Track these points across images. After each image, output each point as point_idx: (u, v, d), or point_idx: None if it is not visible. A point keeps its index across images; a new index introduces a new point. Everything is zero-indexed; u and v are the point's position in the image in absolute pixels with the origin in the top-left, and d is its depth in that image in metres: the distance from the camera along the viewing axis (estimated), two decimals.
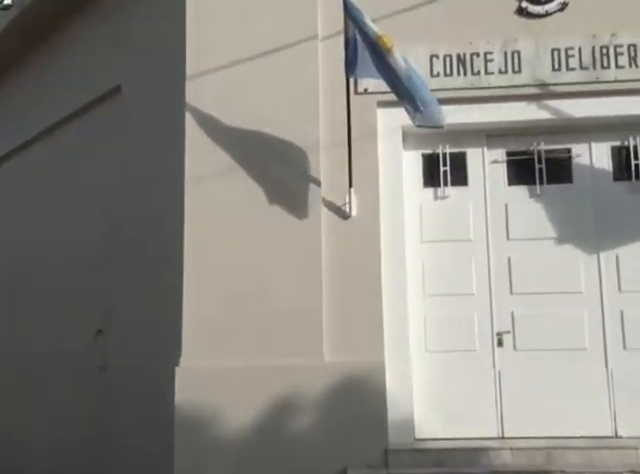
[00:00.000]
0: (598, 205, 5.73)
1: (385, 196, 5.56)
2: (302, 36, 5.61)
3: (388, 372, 5.24)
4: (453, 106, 5.53)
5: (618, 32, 5.58)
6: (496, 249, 5.71)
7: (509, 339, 5.58)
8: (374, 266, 5.43)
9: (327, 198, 5.53)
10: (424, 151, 5.89)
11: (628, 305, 5.58)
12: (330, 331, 5.32)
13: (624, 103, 5.60)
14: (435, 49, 5.68)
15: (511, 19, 5.72)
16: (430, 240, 5.75)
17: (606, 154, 5.82)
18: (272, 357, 5.22)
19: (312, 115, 5.57)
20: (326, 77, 5.60)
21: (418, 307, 5.62)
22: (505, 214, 5.78)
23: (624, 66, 5.58)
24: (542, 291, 5.60)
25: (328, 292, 5.37)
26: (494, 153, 5.86)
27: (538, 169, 5.78)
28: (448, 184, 5.81)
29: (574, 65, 5.62)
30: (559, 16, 5.68)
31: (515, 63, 5.65)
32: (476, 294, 5.66)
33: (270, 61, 5.61)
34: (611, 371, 5.50)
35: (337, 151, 5.45)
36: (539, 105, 5.66)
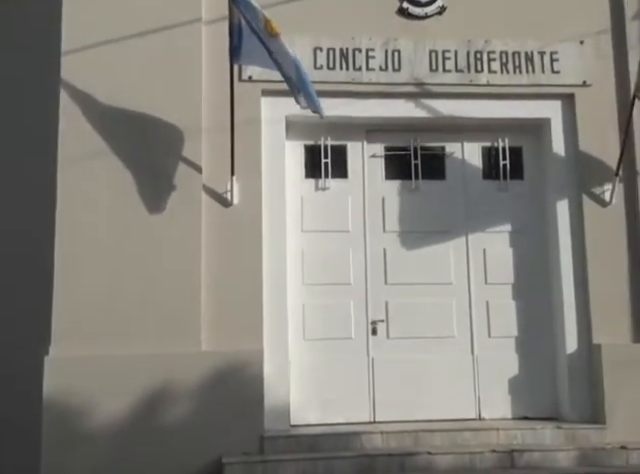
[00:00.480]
0: (468, 201, 6.03)
1: (267, 185, 5.57)
2: (185, 18, 5.49)
3: (266, 360, 5.26)
4: (335, 99, 5.64)
5: (491, 39, 5.89)
6: (373, 241, 5.88)
7: (383, 327, 5.77)
8: (255, 254, 5.43)
9: (208, 185, 5.47)
10: (306, 142, 5.95)
11: (493, 296, 5.92)
12: (208, 319, 5.26)
13: (495, 106, 5.91)
14: (319, 42, 5.75)
15: (393, 18, 5.88)
16: (310, 230, 5.83)
17: (477, 153, 6.13)
18: (147, 345, 5.09)
19: (194, 100, 5.47)
20: (210, 62, 5.51)
21: (297, 296, 5.68)
22: (382, 207, 5.96)
23: (496, 71, 5.88)
24: (415, 282, 5.84)
25: (207, 280, 5.31)
26: (373, 147, 6.02)
27: (414, 165, 6.01)
28: (329, 176, 5.91)
29: (450, 67, 5.86)
30: (438, 19, 5.91)
31: (395, 61, 5.82)
32: (353, 284, 5.80)
33: (151, 42, 5.45)
34: (477, 358, 5.83)
35: (219, 138, 5.39)
36: (417, 103, 5.87)
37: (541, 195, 6.04)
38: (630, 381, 5.42)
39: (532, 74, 5.90)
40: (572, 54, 5.90)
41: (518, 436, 5.31)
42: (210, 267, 5.34)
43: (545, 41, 5.90)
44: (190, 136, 5.42)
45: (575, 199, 5.83)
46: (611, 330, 5.60)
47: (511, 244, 6.00)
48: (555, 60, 5.91)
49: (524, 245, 5.99)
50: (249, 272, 5.40)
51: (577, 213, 5.81)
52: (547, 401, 5.79)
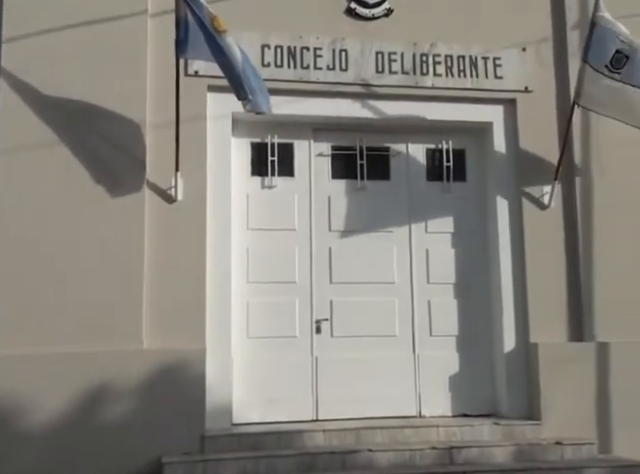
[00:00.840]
0: (412, 202, 6.10)
1: (212, 182, 5.51)
2: (131, 10, 5.38)
3: (209, 358, 5.20)
4: (282, 97, 5.63)
5: (437, 43, 5.97)
6: (318, 239, 5.89)
7: (327, 326, 5.79)
8: (199, 252, 5.37)
9: (152, 181, 5.38)
10: (253, 140, 5.92)
11: (435, 295, 6.01)
12: (151, 317, 5.17)
13: (439, 109, 6.00)
14: (267, 39, 5.72)
15: (341, 18, 5.91)
16: (256, 228, 5.80)
17: (421, 155, 6.21)
18: (87, 343, 4.97)
19: (139, 93, 5.37)
20: (156, 55, 5.42)
21: (241, 293, 5.65)
22: (328, 206, 5.98)
23: (441, 74, 5.97)
24: (359, 281, 5.88)
25: (150, 277, 5.22)
26: (320, 146, 6.04)
27: (360, 165, 6.04)
28: (275, 174, 5.89)
29: (396, 69, 5.92)
30: (384, 21, 5.96)
31: (342, 61, 5.84)
32: (298, 282, 5.80)
33: (96, 32, 5.33)
34: (418, 356, 5.91)
35: (164, 133, 5.30)
36: (363, 104, 5.91)
37: (483, 197, 6.16)
38: (565, 379, 5.59)
39: (476, 78, 6.01)
40: (515, 60, 6.05)
41: (457, 433, 5.40)
42: (153, 264, 5.25)
43: (489, 47, 6.02)
44: (134, 130, 5.32)
45: (515, 202, 5.97)
46: (548, 329, 5.77)
47: (453, 244, 6.11)
48: (498, 66, 6.04)
49: (466, 246, 6.11)
50: (193, 269, 5.33)
51: (517, 215, 5.95)
52: (486, 398, 5.92)
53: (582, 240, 5.89)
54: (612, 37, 5.27)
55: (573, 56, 5.95)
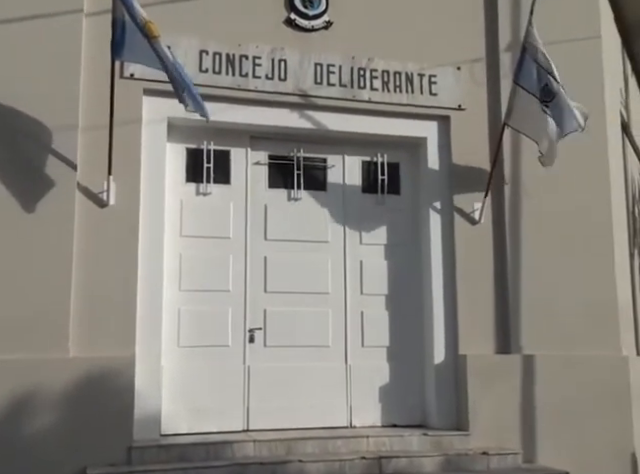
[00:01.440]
0: (347, 213, 6.15)
1: (146, 187, 5.39)
2: (65, 7, 5.22)
3: (138, 367, 5.07)
4: (220, 104, 5.60)
5: (374, 58, 6.06)
6: (253, 248, 5.85)
7: (260, 335, 5.74)
8: (130, 257, 5.23)
9: (83, 184, 5.21)
10: (189, 145, 5.84)
11: (368, 306, 6.06)
12: (79, 324, 5.00)
13: (375, 122, 6.08)
14: (205, 45, 5.66)
15: (280, 28, 5.92)
16: (189, 235, 5.70)
17: (357, 167, 6.28)
18: (10, 350, 4.75)
19: (71, 94, 5.21)
20: (90, 56, 5.27)
21: (173, 301, 5.54)
22: (264, 215, 5.95)
23: (378, 89, 6.05)
24: (294, 290, 5.87)
25: (79, 283, 5.05)
26: (257, 155, 6.01)
27: (296, 174, 6.06)
28: (211, 181, 5.82)
29: (334, 81, 5.97)
30: (324, 33, 6.01)
31: (281, 71, 5.84)
32: (232, 291, 5.73)
33: (28, 30, 5.14)
34: (350, 367, 5.93)
35: (98, 136, 5.15)
36: (301, 114, 5.92)
37: (416, 210, 6.27)
38: (492, 390, 5.72)
39: (411, 94, 6.13)
40: (449, 79, 6.20)
41: (387, 443, 5.44)
42: (82, 269, 5.08)
43: (425, 64, 6.15)
44: (66, 132, 5.14)
45: (447, 216, 6.10)
46: (477, 341, 5.90)
47: (386, 256, 6.18)
48: (433, 83, 6.18)
49: (399, 258, 6.19)
50: (123, 275, 5.19)
51: (449, 229, 6.08)
52: (415, 409, 6.00)
53: (510, 255, 6.06)
54: (542, 72, 5.46)
55: (505, 77, 6.15)
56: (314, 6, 5.98)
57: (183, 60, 5.50)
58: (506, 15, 6.36)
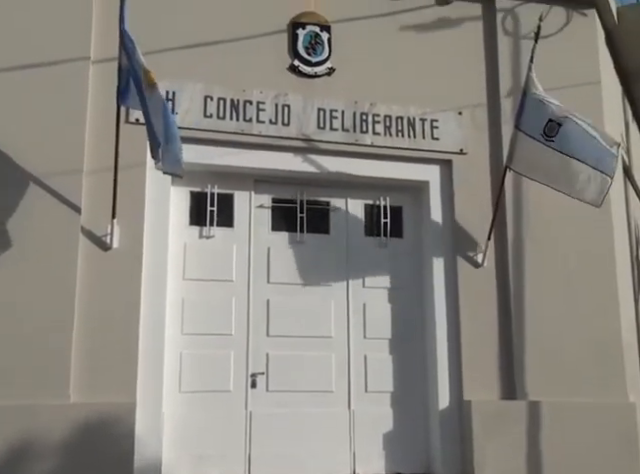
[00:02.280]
0: (350, 257, 6.14)
1: (149, 230, 5.40)
2: (73, 55, 5.33)
3: (139, 413, 5.00)
4: (224, 148, 5.69)
5: (377, 103, 6.12)
6: (256, 291, 5.82)
7: (263, 380, 5.67)
8: (132, 301, 5.21)
9: (87, 227, 5.23)
10: (193, 189, 5.86)
11: (371, 350, 6.00)
12: (80, 369, 4.96)
13: (378, 166, 6.12)
14: (210, 91, 5.74)
15: (284, 74, 6.00)
16: (192, 278, 5.69)
17: (360, 210, 6.29)
18: (9, 396, 4.70)
19: (77, 138, 5.28)
20: (96, 101, 5.36)
21: (175, 345, 5.49)
22: (267, 258, 5.94)
23: (380, 133, 6.10)
24: (296, 334, 5.82)
25: (81, 327, 5.02)
26: (261, 198, 6.03)
27: (300, 218, 6.07)
28: (214, 224, 5.83)
29: (337, 126, 6.02)
30: (327, 80, 6.09)
31: (285, 116, 5.91)
32: (234, 335, 5.68)
33: (36, 76, 5.24)
34: (353, 412, 5.84)
35: (103, 179, 5.21)
36: (304, 158, 5.97)
37: (419, 254, 6.26)
38: (497, 437, 5.63)
39: (413, 139, 6.17)
40: (451, 123, 6.26)
41: None
42: (84, 313, 5.06)
43: (426, 109, 6.22)
44: (71, 175, 5.19)
45: (450, 259, 6.09)
46: (481, 386, 5.82)
47: (389, 300, 6.15)
48: (435, 127, 6.24)
49: (402, 301, 6.16)
50: (125, 319, 5.16)
51: (452, 273, 6.06)
52: (420, 456, 5.89)
53: (514, 299, 6.04)
54: (544, 107, 5.51)
55: (506, 122, 6.20)
56: (317, 53, 6.07)
57: (188, 105, 5.64)
58: (506, 61, 6.45)
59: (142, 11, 5.42)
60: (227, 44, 5.83)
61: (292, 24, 6.06)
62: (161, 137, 4.68)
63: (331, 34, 6.12)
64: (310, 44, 6.06)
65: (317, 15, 6.11)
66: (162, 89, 5.46)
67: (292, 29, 6.06)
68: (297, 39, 6.04)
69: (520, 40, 6.46)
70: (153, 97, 4.69)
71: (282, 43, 6.02)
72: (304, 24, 6.08)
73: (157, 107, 4.69)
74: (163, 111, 4.67)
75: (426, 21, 6.38)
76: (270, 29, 5.98)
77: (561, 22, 6.59)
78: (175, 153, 4.73)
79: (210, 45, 5.78)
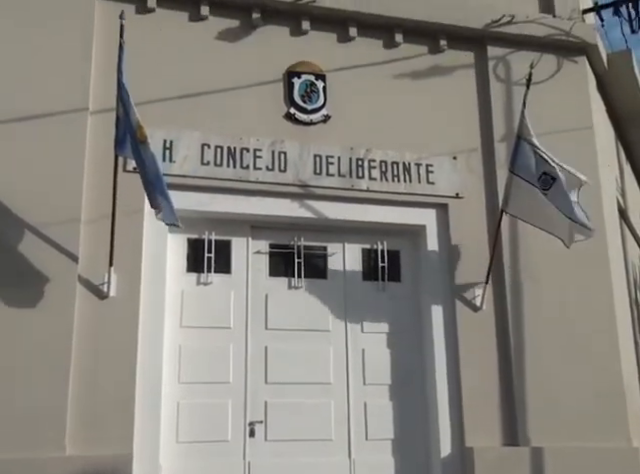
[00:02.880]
0: (348, 301, 6.11)
1: (147, 277, 5.39)
2: (72, 106, 5.40)
3: (136, 465, 4.91)
4: (221, 195, 5.73)
5: (372, 148, 6.19)
6: (254, 338, 5.77)
7: (261, 429, 5.58)
8: (129, 351, 5.16)
9: (84, 276, 5.22)
10: (190, 236, 5.86)
11: (371, 397, 5.92)
12: (75, 420, 4.89)
13: (374, 211, 6.15)
14: (207, 139, 5.79)
15: (280, 122, 6.07)
16: (190, 326, 5.64)
17: (357, 255, 6.29)
18: (5, 449, 4.63)
19: (75, 187, 5.30)
20: (94, 150, 5.40)
21: (172, 395, 5.41)
22: (265, 304, 5.91)
23: (376, 178, 6.15)
24: (295, 381, 5.75)
25: (77, 377, 4.97)
26: (258, 244, 6.03)
27: (297, 263, 6.06)
28: (212, 270, 5.82)
29: (333, 171, 6.07)
30: (322, 126, 6.16)
31: (282, 162, 5.95)
32: (232, 382, 5.61)
33: (35, 125, 5.30)
34: (354, 461, 5.74)
35: (100, 227, 5.21)
36: (301, 204, 6.00)
37: (417, 298, 6.24)
38: None
39: (409, 183, 6.22)
40: (446, 168, 6.31)
41: None
42: (81, 363, 5.01)
43: (421, 154, 6.28)
44: (68, 224, 5.20)
45: (449, 303, 6.07)
46: (483, 433, 5.74)
47: (389, 345, 6.10)
48: (430, 172, 6.29)
49: (401, 346, 6.11)
50: (122, 368, 5.10)
51: (450, 317, 6.03)
52: None
53: (514, 342, 6.00)
54: (539, 158, 5.57)
55: (501, 166, 6.25)
56: (312, 101, 6.16)
57: (186, 153, 5.69)
58: (499, 107, 6.54)
59: (140, 60, 5.53)
60: (224, 93, 5.92)
61: (288, 73, 6.16)
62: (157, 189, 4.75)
63: (326, 82, 6.22)
64: (306, 92, 6.15)
65: (312, 64, 6.22)
66: (159, 138, 5.61)
67: (288, 78, 6.15)
68: (293, 88, 6.13)
69: (512, 86, 6.57)
70: (146, 151, 4.76)
71: (278, 92, 6.11)
72: (299, 73, 6.18)
73: (151, 160, 4.77)
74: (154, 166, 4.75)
75: (420, 69, 6.51)
76: (266, 78, 6.08)
77: (552, 69, 6.73)
78: (170, 205, 4.80)
79: (207, 94, 5.86)
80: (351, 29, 6.37)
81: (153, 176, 4.76)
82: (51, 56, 5.51)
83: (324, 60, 6.24)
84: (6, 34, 5.48)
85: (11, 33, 5.49)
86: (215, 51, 6.01)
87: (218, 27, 6.07)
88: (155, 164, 4.77)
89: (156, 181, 4.77)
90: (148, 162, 4.76)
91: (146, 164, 4.76)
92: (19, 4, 5.56)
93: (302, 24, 6.25)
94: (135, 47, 5.24)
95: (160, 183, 4.78)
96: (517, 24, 6.66)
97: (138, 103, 4.99)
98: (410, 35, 6.50)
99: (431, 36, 6.57)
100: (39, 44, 5.50)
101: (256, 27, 6.16)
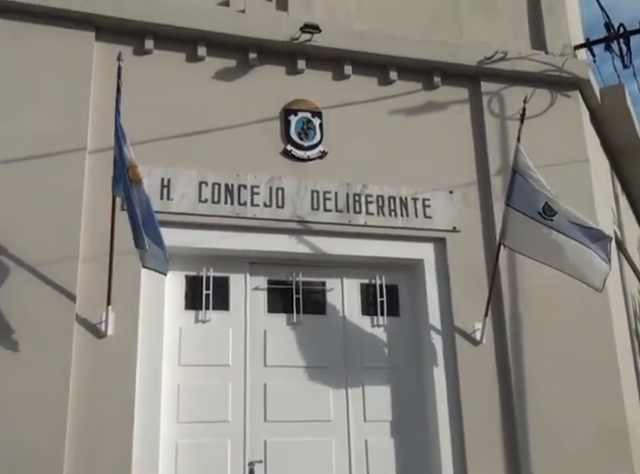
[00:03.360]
0: (347, 337, 6.08)
1: (145, 316, 5.37)
2: (71, 146, 5.44)
3: None
4: (219, 232, 5.74)
5: (369, 184, 6.22)
6: (253, 375, 5.72)
7: (261, 469, 5.49)
8: (127, 391, 5.11)
9: (82, 315, 5.19)
10: (188, 273, 5.86)
11: (372, 434, 5.85)
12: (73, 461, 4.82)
13: (372, 245, 6.15)
14: (204, 176, 5.81)
15: (277, 159, 6.12)
16: (188, 364, 5.60)
17: (356, 290, 6.27)
18: None
19: (73, 226, 5.31)
20: (92, 189, 5.42)
21: (171, 435, 5.34)
22: (264, 341, 5.87)
23: (373, 213, 6.17)
24: (295, 419, 5.68)
25: (74, 417, 4.90)
26: (256, 280, 6.02)
27: (296, 299, 6.04)
28: (210, 308, 5.80)
29: (330, 207, 6.10)
30: (319, 162, 6.21)
31: (279, 198, 5.98)
32: (231, 421, 5.54)
33: (33, 165, 5.33)
34: None
35: (98, 266, 5.21)
36: (299, 239, 6.00)
37: (416, 332, 6.20)
38: None
39: (406, 218, 6.23)
40: (443, 202, 6.34)
41: None
42: (78, 403, 4.95)
43: (418, 189, 6.31)
44: (67, 263, 5.21)
45: (448, 337, 6.04)
46: (486, 467, 5.66)
47: (389, 380, 6.05)
48: (427, 206, 6.31)
49: (401, 382, 6.06)
50: (120, 410, 5.05)
51: (450, 351, 5.99)
52: None
53: (514, 377, 5.95)
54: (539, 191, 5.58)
55: (497, 200, 6.28)
56: (309, 138, 6.22)
57: (183, 191, 5.71)
58: (494, 141, 6.60)
59: (139, 100, 5.58)
60: (221, 131, 5.96)
61: (284, 111, 6.23)
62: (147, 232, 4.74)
63: (322, 119, 6.28)
64: (302, 129, 6.21)
65: (308, 102, 6.29)
66: (157, 176, 5.65)
67: (284, 116, 6.22)
68: (290, 125, 6.19)
69: (507, 121, 6.64)
70: (139, 192, 4.77)
71: (275, 129, 6.17)
72: (296, 111, 6.25)
73: (143, 201, 4.78)
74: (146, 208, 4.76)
75: (415, 105, 6.58)
76: (263, 116, 6.14)
77: (546, 103, 6.81)
78: (163, 251, 4.80)
79: (205, 133, 5.91)
80: (346, 67, 6.46)
81: (144, 218, 4.75)
82: (50, 96, 5.57)
83: (320, 98, 6.32)
84: (5, 73, 5.55)
85: (10, 72, 5.55)
86: (212, 90, 6.08)
87: (215, 67, 6.15)
88: (148, 206, 4.78)
89: (147, 224, 4.75)
90: (139, 203, 4.76)
91: (135, 205, 4.76)
92: (18, 44, 5.64)
93: (298, 63, 6.34)
94: (133, 87, 5.32)
95: (152, 226, 4.76)
96: (510, 60, 6.76)
97: (136, 142, 5.06)
98: (404, 72, 6.59)
99: (425, 73, 6.66)
100: (38, 83, 5.57)
101: (253, 66, 6.24)
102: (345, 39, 6.40)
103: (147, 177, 5.53)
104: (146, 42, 5.96)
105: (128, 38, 5.89)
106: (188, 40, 6.06)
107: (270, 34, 6.21)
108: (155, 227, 4.80)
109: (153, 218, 4.81)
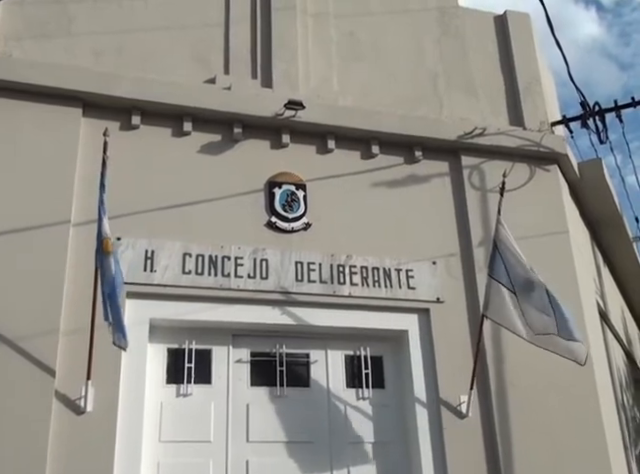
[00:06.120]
0: (332, 410, 5.98)
1: (125, 391, 5.26)
2: (54, 219, 5.45)
3: None
4: (202, 304, 5.71)
5: (352, 255, 6.26)
6: (235, 452, 5.58)
7: None
8: (106, 469, 4.95)
9: (61, 391, 5.08)
10: (170, 345, 5.78)
11: None
12: None
13: (357, 316, 6.14)
14: (188, 248, 5.82)
15: (262, 230, 6.15)
16: (168, 440, 5.46)
17: (340, 361, 6.22)
18: None
19: (54, 299, 5.26)
20: (74, 262, 5.40)
21: None
22: (246, 415, 5.75)
23: (357, 284, 6.18)
24: None
25: None
26: (239, 352, 5.95)
27: (279, 371, 5.97)
28: (192, 381, 5.70)
29: (314, 278, 6.10)
30: (303, 234, 6.26)
31: (263, 270, 5.98)
32: None
33: (14, 237, 5.33)
34: None
35: (79, 340, 5.12)
36: (282, 310, 5.97)
37: (402, 405, 6.13)
38: None
39: (390, 289, 6.25)
40: (426, 273, 6.38)
41: None
42: None
43: (401, 260, 6.36)
44: (46, 337, 5.11)
45: (434, 410, 5.96)
46: None
47: (374, 455, 5.93)
48: (411, 277, 6.34)
49: (387, 456, 5.94)
50: None
51: (436, 424, 5.90)
52: None
53: (502, 450, 5.86)
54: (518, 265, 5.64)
55: (480, 270, 6.33)
56: (293, 210, 6.29)
57: (167, 262, 5.70)
58: (476, 213, 6.70)
59: (124, 173, 5.65)
60: (206, 204, 6.01)
61: (269, 183, 6.31)
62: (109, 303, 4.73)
63: (306, 191, 6.37)
64: (286, 201, 6.28)
65: (292, 175, 6.39)
66: (142, 248, 5.66)
67: (269, 188, 6.30)
68: (274, 197, 6.27)
69: (487, 193, 6.77)
70: (108, 265, 4.78)
71: (259, 201, 6.23)
72: (280, 183, 6.34)
73: (110, 274, 4.77)
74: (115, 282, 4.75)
75: (396, 178, 6.70)
76: (247, 189, 6.21)
77: (525, 177, 6.97)
78: (121, 326, 4.76)
79: (189, 205, 5.95)
80: (330, 141, 6.60)
81: (110, 291, 4.74)
82: (35, 169, 5.60)
83: (304, 171, 6.43)
84: None
85: None
86: (197, 164, 6.17)
87: (200, 141, 6.25)
88: (116, 280, 4.76)
89: (112, 297, 4.73)
90: (108, 276, 4.76)
91: (105, 277, 4.77)
92: (6, 119, 5.72)
93: (282, 137, 6.47)
94: (119, 161, 5.40)
95: (116, 301, 4.73)
96: (489, 136, 6.95)
97: (122, 214, 5.11)
98: (386, 146, 6.74)
99: (407, 147, 6.81)
100: (23, 157, 5.62)
101: (238, 141, 6.36)
102: (328, 115, 6.57)
103: (131, 249, 5.59)
104: (133, 118, 6.07)
105: (115, 114, 6.01)
106: (174, 116, 6.19)
107: (255, 110, 6.36)
108: (117, 302, 4.74)
109: (117, 293, 4.76)
